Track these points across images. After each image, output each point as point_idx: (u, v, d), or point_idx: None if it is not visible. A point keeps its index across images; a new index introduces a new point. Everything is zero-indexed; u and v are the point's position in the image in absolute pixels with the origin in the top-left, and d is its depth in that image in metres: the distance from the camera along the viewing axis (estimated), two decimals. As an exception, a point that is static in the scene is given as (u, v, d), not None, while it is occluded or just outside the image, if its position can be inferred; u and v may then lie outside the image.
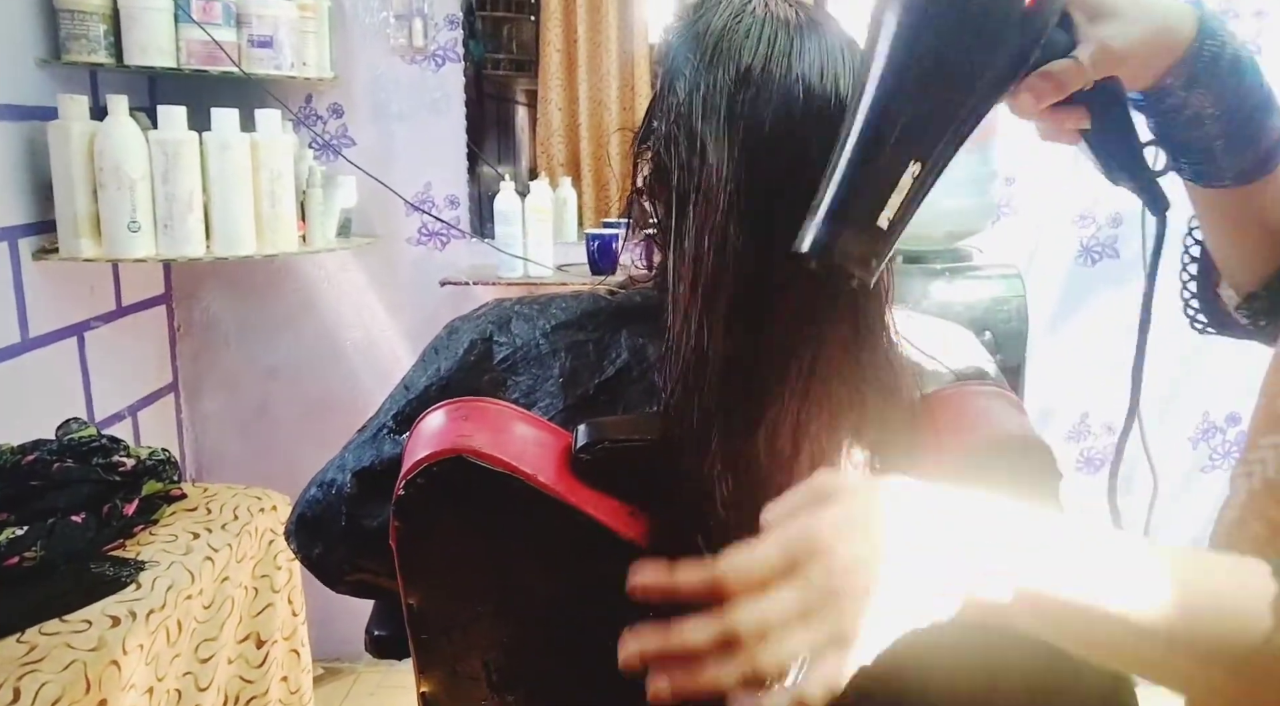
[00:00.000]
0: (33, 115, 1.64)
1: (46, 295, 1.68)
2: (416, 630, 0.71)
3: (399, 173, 2.07)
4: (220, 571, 1.35)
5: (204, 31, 1.71)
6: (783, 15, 0.65)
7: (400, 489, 0.65)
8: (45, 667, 1.03)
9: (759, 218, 0.62)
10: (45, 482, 1.29)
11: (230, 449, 2.22)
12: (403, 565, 0.68)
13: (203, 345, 2.16)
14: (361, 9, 2.02)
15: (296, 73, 1.85)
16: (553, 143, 2.15)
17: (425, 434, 0.66)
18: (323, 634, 2.07)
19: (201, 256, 1.70)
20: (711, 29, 0.65)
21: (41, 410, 1.62)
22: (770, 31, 0.64)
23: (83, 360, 1.79)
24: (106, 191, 1.61)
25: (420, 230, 2.12)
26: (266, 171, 1.74)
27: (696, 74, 0.64)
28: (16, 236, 1.61)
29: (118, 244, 1.63)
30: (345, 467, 0.74)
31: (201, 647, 1.31)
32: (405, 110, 2.07)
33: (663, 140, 0.66)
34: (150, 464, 1.41)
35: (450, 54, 2.05)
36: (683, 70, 0.65)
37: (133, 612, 1.15)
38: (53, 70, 1.68)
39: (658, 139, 0.67)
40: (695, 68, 0.64)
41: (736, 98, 0.62)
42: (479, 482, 0.63)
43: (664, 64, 0.69)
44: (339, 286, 2.15)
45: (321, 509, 0.74)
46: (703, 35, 0.65)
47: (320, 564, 0.77)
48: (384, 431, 0.73)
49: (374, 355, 2.18)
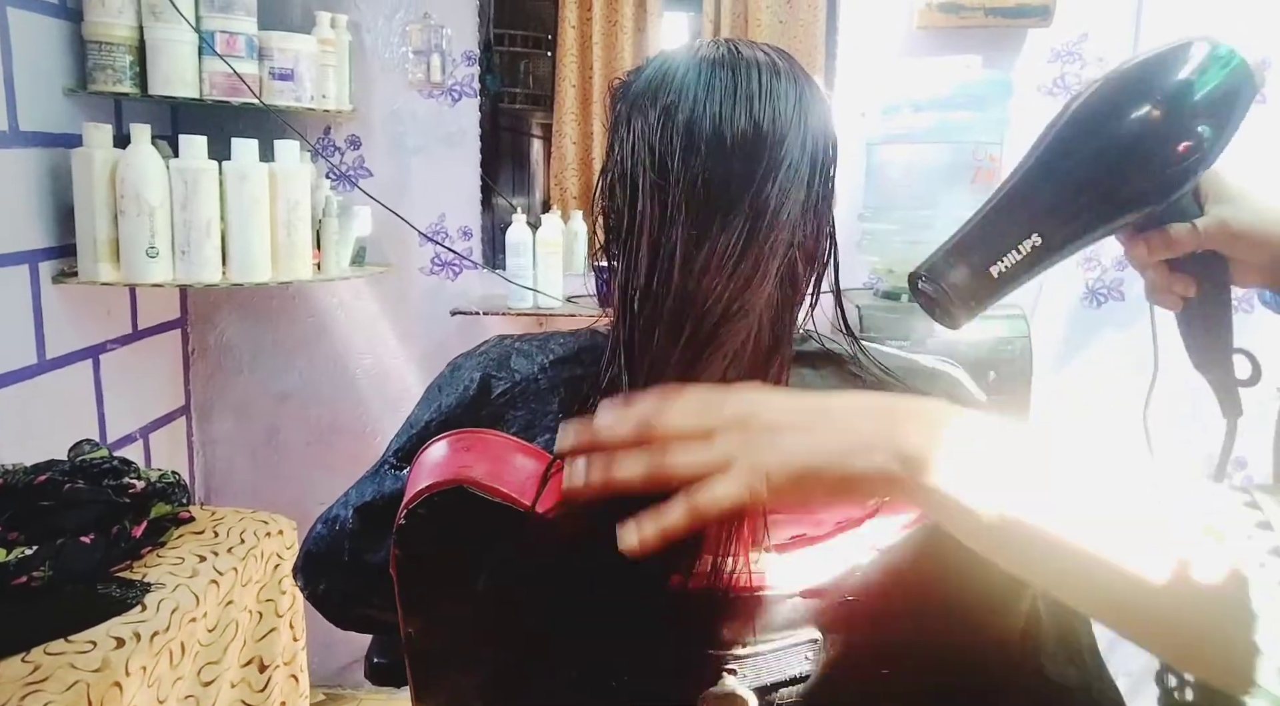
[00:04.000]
0: (58, 142, 1.68)
1: (64, 317, 1.70)
2: (414, 658, 0.72)
3: (413, 204, 2.10)
4: (225, 595, 1.36)
5: (226, 64, 1.75)
6: (709, 56, 0.67)
7: (401, 518, 0.66)
8: (48, 688, 1.04)
9: (686, 259, 0.63)
10: (55, 503, 1.30)
11: (239, 472, 2.23)
12: (402, 593, 0.69)
13: (216, 369, 2.19)
14: (381, 44, 2.07)
15: (315, 105, 1.89)
16: (566, 176, 2.18)
17: (427, 464, 0.67)
18: (323, 659, 2.08)
19: (218, 282, 1.73)
20: (644, 80, 0.68)
21: (55, 431, 1.65)
22: (693, 73, 0.66)
23: (97, 382, 1.81)
24: (126, 217, 1.64)
25: (433, 260, 2.15)
26: (284, 201, 1.77)
27: (628, 122, 0.67)
28: (37, 260, 1.64)
29: (136, 269, 1.66)
30: (348, 504, 0.75)
31: (204, 671, 1.32)
32: (421, 143, 2.10)
33: (608, 191, 0.69)
34: (160, 486, 1.43)
35: (467, 89, 2.09)
36: (618, 124, 0.68)
37: (137, 634, 1.16)
38: (79, 99, 1.73)
39: (604, 191, 0.70)
40: (627, 117, 0.67)
41: (660, 136, 0.65)
42: (479, 513, 0.64)
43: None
44: (352, 314, 2.18)
45: (326, 545, 0.76)
46: (638, 88, 0.68)
47: (325, 600, 0.79)
48: (386, 467, 0.75)
49: (384, 383, 2.20)
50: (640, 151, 0.66)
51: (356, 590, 0.76)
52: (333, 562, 0.76)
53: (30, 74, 1.61)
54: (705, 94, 0.65)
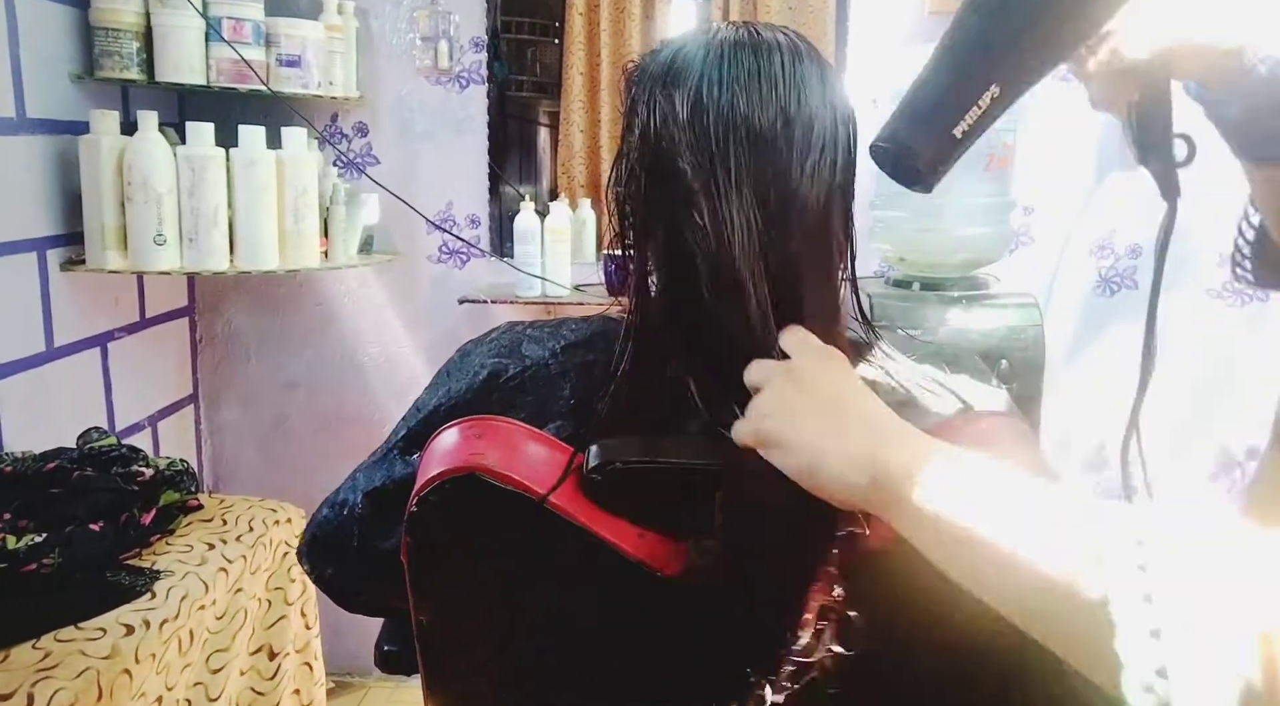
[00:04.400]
0: (65, 129, 1.67)
1: (72, 305, 1.70)
2: (426, 646, 0.72)
3: (421, 191, 2.09)
4: (234, 582, 1.36)
5: (234, 50, 1.74)
6: (731, 38, 0.66)
7: (413, 505, 0.66)
8: (59, 674, 1.04)
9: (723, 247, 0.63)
10: (65, 490, 1.30)
11: (247, 460, 2.24)
12: (413, 581, 0.69)
13: (223, 357, 2.19)
14: (389, 30, 2.05)
15: (323, 92, 1.88)
16: (574, 164, 2.17)
17: (439, 451, 0.67)
18: (334, 647, 2.08)
19: (225, 270, 1.73)
20: (662, 63, 0.67)
21: (64, 418, 1.65)
22: (714, 54, 0.65)
23: (105, 370, 1.81)
24: (134, 205, 1.64)
25: (441, 248, 2.14)
26: (291, 188, 1.76)
27: (649, 108, 0.66)
28: (45, 247, 1.64)
29: (143, 256, 1.66)
30: (357, 489, 0.74)
31: (213, 658, 1.32)
32: (429, 130, 2.09)
33: (624, 178, 0.68)
34: (168, 474, 1.43)
35: (475, 76, 2.07)
36: (635, 109, 0.67)
37: (146, 621, 1.16)
38: (86, 86, 1.72)
39: (620, 179, 0.69)
40: (646, 103, 0.66)
41: (686, 122, 0.64)
42: (491, 500, 0.64)
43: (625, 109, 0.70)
44: (359, 302, 2.18)
45: (333, 529, 0.75)
46: (656, 72, 0.67)
47: (333, 584, 0.78)
48: (394, 452, 0.74)
49: (392, 371, 2.20)
50: (665, 137, 0.64)
51: (366, 574, 0.75)
52: (341, 547, 0.75)
53: (37, 61, 1.60)
54: (731, 78, 0.63)
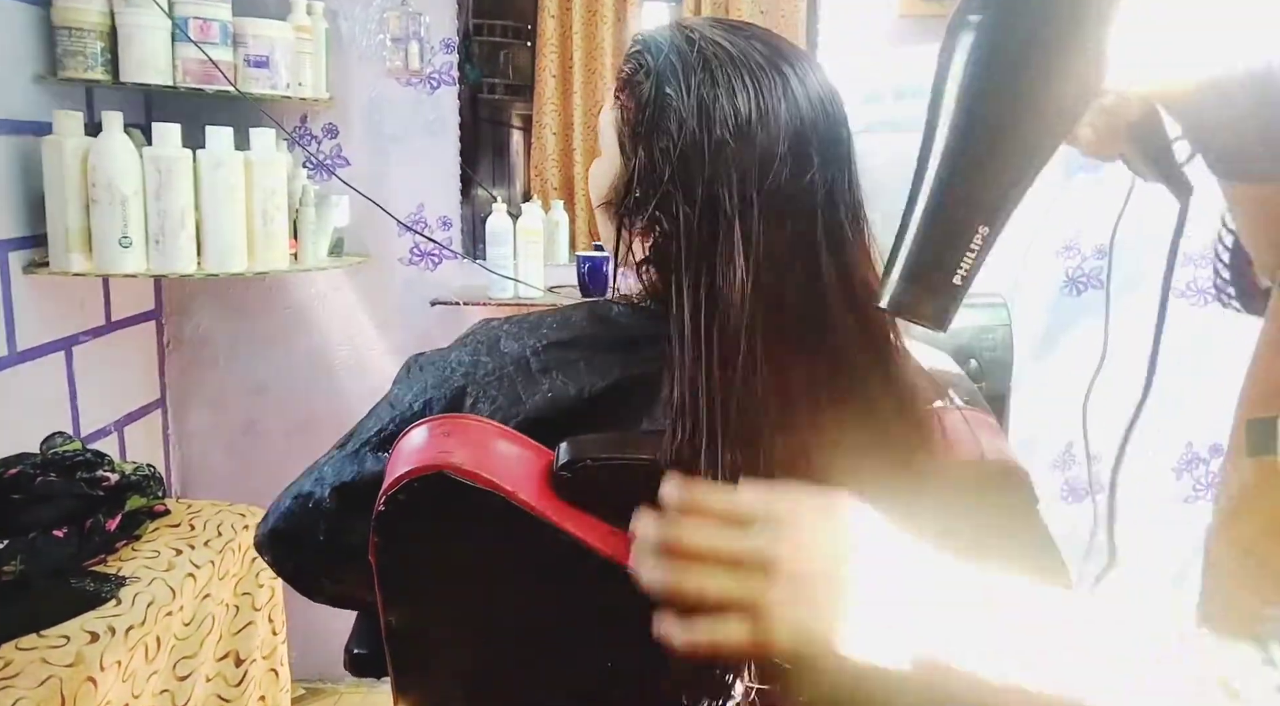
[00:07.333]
0: (27, 130, 1.64)
1: (36, 309, 1.67)
2: (395, 647, 0.71)
3: (392, 193, 2.08)
4: (202, 588, 1.35)
5: (200, 50, 1.72)
6: (756, 60, 0.67)
7: (381, 504, 0.65)
8: (20, 683, 1.02)
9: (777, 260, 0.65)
10: (27, 497, 1.28)
11: (216, 465, 2.21)
12: (382, 581, 0.68)
13: (191, 361, 2.16)
14: (359, 31, 2.04)
15: (292, 93, 1.87)
16: (547, 166, 2.17)
17: (407, 450, 0.66)
18: (304, 653, 2.06)
19: (192, 273, 1.70)
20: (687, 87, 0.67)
21: (27, 424, 1.62)
22: (752, 79, 0.66)
23: (70, 374, 1.78)
24: (99, 206, 1.61)
25: (412, 250, 2.13)
26: (259, 190, 1.74)
27: (683, 133, 0.65)
28: (7, 250, 1.61)
29: (109, 259, 1.63)
30: (324, 482, 0.73)
31: (180, 665, 1.31)
32: (399, 132, 2.08)
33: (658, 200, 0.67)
34: (134, 479, 1.41)
35: (446, 77, 2.06)
36: (657, 131, 0.67)
37: (111, 628, 1.15)
38: (49, 86, 1.69)
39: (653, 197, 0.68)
40: (680, 127, 0.66)
41: (733, 148, 0.65)
42: (460, 499, 0.63)
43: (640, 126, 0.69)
44: (330, 305, 2.16)
45: (298, 521, 0.74)
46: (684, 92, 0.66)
47: (297, 576, 0.77)
48: (365, 448, 0.73)
49: (363, 374, 2.18)
50: (718, 167, 0.65)
51: (333, 567, 0.75)
52: (307, 540, 0.74)
53: (-2, 60, 1.57)
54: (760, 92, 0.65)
